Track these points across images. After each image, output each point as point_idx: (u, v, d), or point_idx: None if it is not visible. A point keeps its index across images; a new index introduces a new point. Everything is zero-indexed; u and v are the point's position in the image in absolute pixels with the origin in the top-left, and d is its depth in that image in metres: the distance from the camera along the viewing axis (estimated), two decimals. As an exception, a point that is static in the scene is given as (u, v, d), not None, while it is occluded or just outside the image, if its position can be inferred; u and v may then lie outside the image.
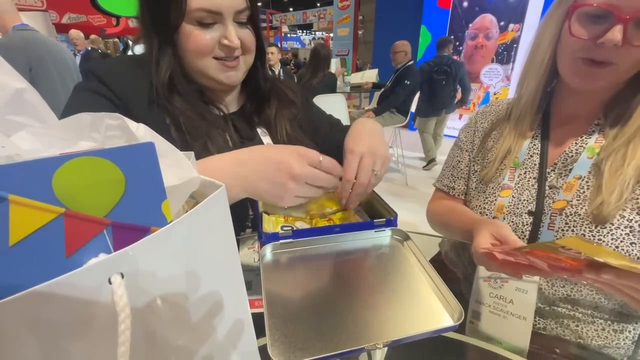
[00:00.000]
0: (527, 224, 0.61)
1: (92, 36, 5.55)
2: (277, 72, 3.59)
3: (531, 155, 0.64)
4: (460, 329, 0.38)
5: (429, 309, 0.40)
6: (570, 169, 0.59)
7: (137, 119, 0.27)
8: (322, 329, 0.37)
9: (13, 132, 0.26)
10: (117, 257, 0.17)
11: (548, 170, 0.62)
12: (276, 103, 0.71)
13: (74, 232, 0.17)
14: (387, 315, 0.39)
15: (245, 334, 0.31)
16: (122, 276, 0.17)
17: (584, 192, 0.56)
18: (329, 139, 0.75)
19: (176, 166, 0.27)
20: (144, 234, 0.19)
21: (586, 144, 0.59)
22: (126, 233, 0.19)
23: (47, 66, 1.80)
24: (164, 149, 0.26)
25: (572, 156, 0.60)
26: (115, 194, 0.18)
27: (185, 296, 0.24)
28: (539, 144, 0.64)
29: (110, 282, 0.17)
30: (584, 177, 0.57)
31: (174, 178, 0.26)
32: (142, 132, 0.26)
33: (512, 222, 0.63)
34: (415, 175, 3.32)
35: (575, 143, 0.60)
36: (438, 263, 0.81)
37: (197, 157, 0.33)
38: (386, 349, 0.48)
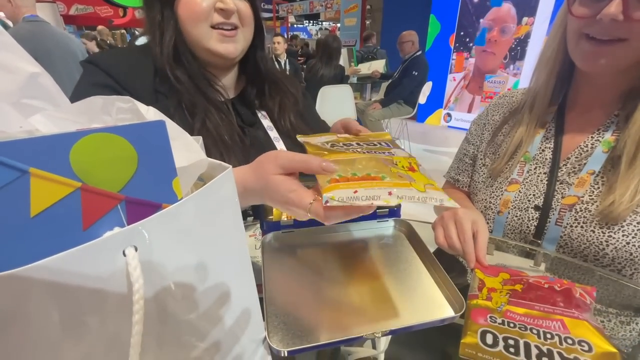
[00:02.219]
0: (532, 219, 0.60)
1: (99, 27, 5.57)
2: (282, 63, 3.56)
3: (543, 150, 0.63)
4: (463, 315, 0.38)
5: (429, 300, 0.40)
6: (584, 164, 0.57)
7: None
8: (322, 318, 0.37)
9: (28, 116, 0.27)
10: (131, 230, 0.18)
11: (560, 165, 0.60)
12: (279, 94, 0.72)
13: (90, 206, 0.18)
14: (387, 305, 0.39)
15: (253, 316, 0.32)
16: (136, 249, 0.18)
17: (598, 187, 0.55)
18: None
19: (185, 149, 0.27)
20: (156, 209, 0.19)
21: (602, 137, 0.57)
22: (139, 209, 0.20)
23: (53, 58, 1.81)
24: (173, 131, 0.27)
25: (587, 151, 0.58)
26: (128, 170, 0.19)
27: (195, 274, 0.24)
28: (553, 138, 0.62)
29: (124, 255, 0.18)
30: (598, 172, 0.55)
31: (182, 160, 0.27)
32: (152, 115, 0.27)
33: (517, 216, 0.62)
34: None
35: (591, 137, 0.58)
36: (442, 254, 0.81)
37: (196, 134, 0.34)
38: (390, 336, 0.49)
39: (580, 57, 0.54)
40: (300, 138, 0.47)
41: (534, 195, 0.61)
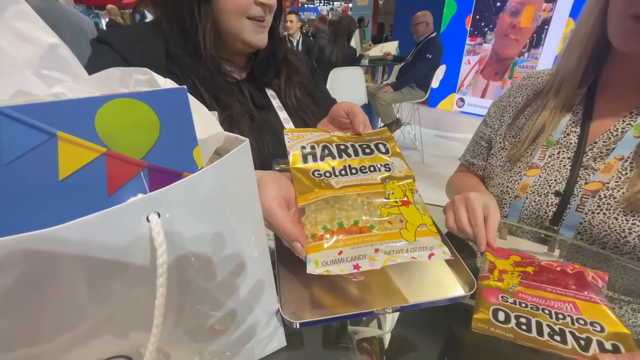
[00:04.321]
0: (551, 205, 0.59)
1: (109, 6, 5.53)
2: (295, 42, 3.49)
3: (568, 134, 0.61)
4: (473, 296, 0.39)
5: (440, 279, 0.41)
6: (612, 149, 0.55)
7: None
8: (333, 293, 0.38)
9: (49, 87, 0.27)
10: (154, 197, 0.18)
11: (585, 150, 0.58)
12: (285, 69, 0.71)
13: (115, 172, 0.18)
14: (398, 282, 0.40)
15: (267, 288, 0.33)
16: (159, 215, 0.19)
17: (626, 173, 0.53)
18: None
19: (202, 121, 0.27)
20: (177, 178, 0.20)
21: (635, 122, 0.54)
22: (161, 176, 0.20)
23: (62, 35, 1.81)
24: (191, 103, 0.27)
25: (617, 135, 0.56)
26: (151, 137, 0.19)
27: (212, 244, 0.25)
28: (580, 122, 0.60)
29: (148, 221, 0.18)
30: (627, 157, 0.53)
31: (200, 133, 0.27)
32: (169, 87, 0.27)
33: (535, 201, 0.61)
34: (432, 153, 3.26)
35: (623, 121, 0.56)
36: (451, 237, 0.81)
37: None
38: (397, 316, 0.50)
39: (622, 37, 0.51)
40: (289, 140, 0.44)
41: (555, 180, 0.60)
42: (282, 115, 0.68)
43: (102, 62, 0.56)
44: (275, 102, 0.69)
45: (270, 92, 0.70)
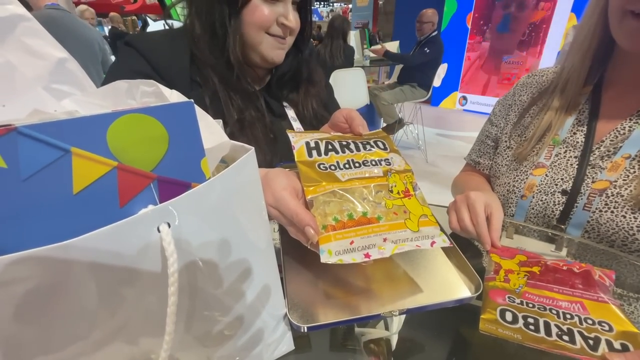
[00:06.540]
0: (558, 204, 0.58)
1: (112, 14, 5.59)
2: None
3: (574, 133, 0.60)
4: (479, 297, 0.39)
5: (446, 281, 0.41)
6: (620, 147, 0.55)
7: None
8: (340, 296, 0.38)
9: (59, 100, 0.28)
10: (164, 208, 0.19)
11: (592, 148, 0.58)
12: (304, 84, 0.73)
13: (126, 185, 0.19)
14: (405, 285, 0.40)
15: (274, 293, 0.33)
16: (169, 226, 0.19)
17: (634, 171, 0.53)
18: None
19: (208, 131, 0.28)
20: (186, 189, 0.20)
21: None
22: (170, 187, 0.20)
23: (69, 47, 1.84)
24: (197, 114, 0.28)
25: (624, 134, 0.55)
26: (160, 150, 0.20)
27: (220, 251, 0.25)
28: (586, 121, 0.60)
29: (159, 231, 0.19)
30: (635, 156, 0.53)
31: (206, 142, 0.27)
32: (175, 98, 0.27)
33: (542, 200, 0.60)
34: (436, 153, 3.25)
35: (629, 119, 0.56)
36: (456, 238, 0.81)
37: (230, 133, 0.35)
38: (404, 317, 0.50)
39: (625, 36, 0.51)
40: (293, 136, 0.46)
41: (562, 179, 0.59)
42: (296, 125, 0.70)
43: (128, 64, 0.58)
44: (290, 113, 0.71)
45: (286, 104, 0.72)
